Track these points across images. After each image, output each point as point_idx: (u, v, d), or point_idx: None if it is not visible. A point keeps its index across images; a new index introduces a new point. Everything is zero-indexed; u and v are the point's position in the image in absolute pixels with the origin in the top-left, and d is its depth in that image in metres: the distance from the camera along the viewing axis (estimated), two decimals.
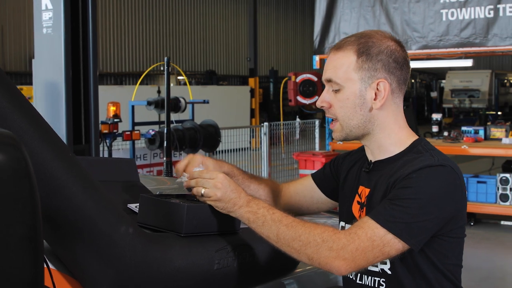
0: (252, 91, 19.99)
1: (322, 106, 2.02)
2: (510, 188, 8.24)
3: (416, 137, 2.01)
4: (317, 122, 10.35)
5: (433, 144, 2.03)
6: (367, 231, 1.78)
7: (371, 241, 1.77)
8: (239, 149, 9.86)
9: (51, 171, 1.55)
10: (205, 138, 7.66)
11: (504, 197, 8.15)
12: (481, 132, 9.05)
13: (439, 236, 1.87)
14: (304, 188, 2.29)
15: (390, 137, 1.99)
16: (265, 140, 9.61)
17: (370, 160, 2.05)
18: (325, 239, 1.78)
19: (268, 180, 2.33)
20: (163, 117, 11.05)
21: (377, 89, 1.94)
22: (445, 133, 8.99)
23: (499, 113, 22.94)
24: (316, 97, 9.84)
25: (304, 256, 1.81)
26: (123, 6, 22.93)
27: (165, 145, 5.15)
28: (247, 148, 10.96)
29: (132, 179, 2.25)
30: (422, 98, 29.14)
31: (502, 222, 8.62)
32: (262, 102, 22.17)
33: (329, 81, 1.99)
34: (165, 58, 4.83)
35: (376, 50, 1.94)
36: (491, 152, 8.60)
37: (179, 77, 21.90)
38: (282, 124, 10.22)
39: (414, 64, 9.07)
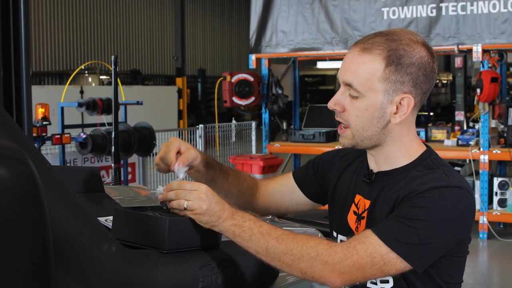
0: (179, 92, 19.83)
1: (334, 109, 1.90)
2: None
3: (424, 148, 1.94)
4: (253, 124, 10.30)
5: None
6: (368, 247, 1.71)
7: (371, 258, 1.71)
8: None
9: None
10: (140, 141, 7.51)
11: None
12: (422, 134, 9.19)
13: (446, 257, 1.82)
14: (284, 189, 2.20)
15: (400, 149, 1.91)
16: (200, 143, 9.50)
17: (371, 170, 1.97)
18: (319, 253, 1.71)
19: (245, 174, 2.24)
20: (90, 119, 10.81)
21: (400, 103, 1.84)
22: None
23: (431, 114, 23.42)
24: (253, 98, 9.78)
25: (296, 271, 1.74)
26: (42, 1, 22.38)
27: (113, 150, 4.98)
28: None
29: (96, 189, 2.14)
30: None
31: None
32: (189, 103, 22.03)
33: (348, 85, 1.85)
34: (112, 56, 4.67)
35: (408, 61, 1.81)
36: None
37: (101, 77, 21.50)
38: (217, 126, 10.12)
39: None
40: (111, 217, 1.92)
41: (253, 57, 9.79)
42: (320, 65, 19.46)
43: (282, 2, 9.52)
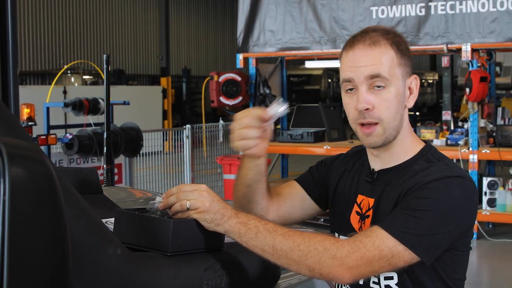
0: (164, 92, 19.79)
1: (366, 109, 1.86)
2: None
3: (423, 143, 1.97)
4: None
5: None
6: (375, 240, 1.72)
7: (379, 250, 1.71)
8: (152, 152, 9.68)
9: None
10: (127, 142, 7.46)
11: None
12: None
13: (450, 250, 1.83)
14: (293, 197, 2.17)
15: (404, 143, 1.94)
16: (187, 143, 9.46)
17: (373, 169, 1.98)
18: (327, 247, 1.71)
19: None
20: (73, 120, 10.74)
21: (410, 86, 1.91)
22: None
23: (417, 113, 23.53)
24: (240, 97, 9.76)
25: (304, 267, 1.72)
26: (23, 1, 22.23)
27: (105, 150, 4.94)
28: (160, 151, 10.79)
29: (95, 190, 2.11)
30: (338, 99, 29.45)
31: None
32: (174, 103, 21.99)
33: (374, 77, 1.85)
34: (104, 56, 4.63)
35: (404, 45, 1.92)
36: None
37: (84, 77, 21.41)
38: (204, 126, 10.09)
39: (339, 63, 9.19)
40: (111, 219, 1.90)
41: (240, 56, 9.77)
42: (309, 64, 19.48)
43: (270, 1, 9.50)
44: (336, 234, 2.04)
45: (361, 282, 1.91)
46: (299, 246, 1.71)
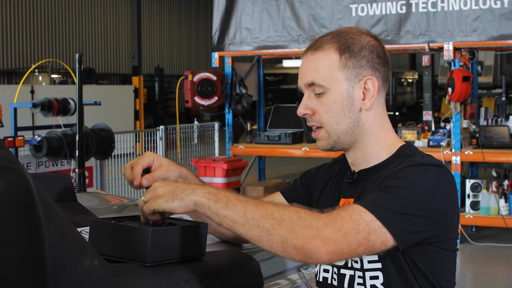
0: (136, 91, 19.70)
1: (305, 114, 1.97)
2: None
3: (403, 142, 2.00)
4: (216, 125, 10.25)
5: None
6: (352, 214, 1.71)
7: (356, 223, 1.70)
8: (123, 154, 9.61)
9: None
10: (98, 144, 7.40)
11: None
12: None
13: (430, 245, 1.83)
14: None
15: (378, 142, 1.97)
16: (161, 145, 9.42)
17: (353, 171, 2.02)
18: (302, 217, 1.68)
19: None
20: (42, 121, 10.64)
21: (365, 88, 1.93)
22: None
23: (397, 113, 23.67)
24: (216, 97, 9.73)
25: (276, 237, 1.67)
26: None
27: (77, 154, 4.88)
28: (132, 153, 10.73)
29: (69, 198, 2.08)
30: None
31: None
32: (146, 103, 21.90)
33: (311, 84, 1.94)
34: (77, 55, 4.56)
35: (358, 45, 1.93)
36: None
37: (53, 76, 21.25)
38: (178, 127, 10.04)
39: None
40: (86, 228, 1.87)
41: (216, 55, 9.72)
42: (286, 63, 19.53)
43: None
44: None
45: (345, 286, 1.92)
46: (272, 215, 1.69)
